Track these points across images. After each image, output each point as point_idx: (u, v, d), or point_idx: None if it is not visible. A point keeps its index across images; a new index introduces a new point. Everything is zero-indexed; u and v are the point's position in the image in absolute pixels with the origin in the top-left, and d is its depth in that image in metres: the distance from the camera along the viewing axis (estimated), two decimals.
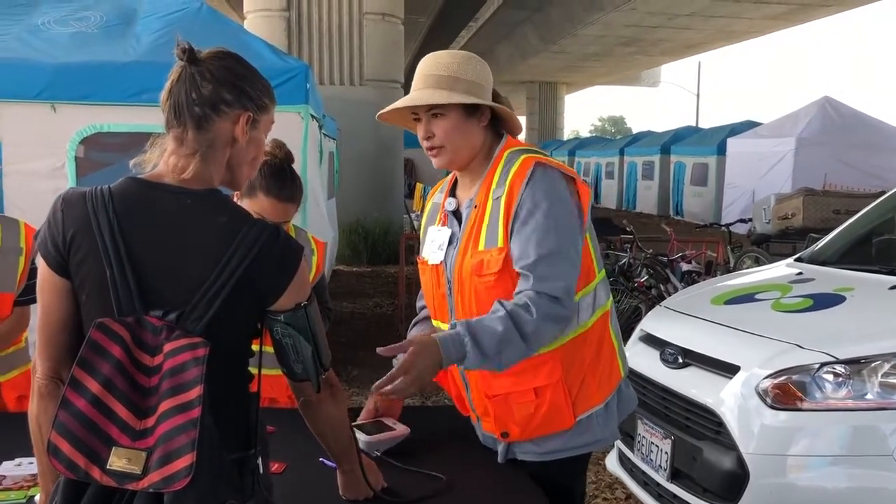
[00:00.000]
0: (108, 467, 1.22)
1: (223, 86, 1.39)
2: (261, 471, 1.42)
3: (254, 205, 2.33)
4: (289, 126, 5.02)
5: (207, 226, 1.36)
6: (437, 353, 1.72)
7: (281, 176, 2.36)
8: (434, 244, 2.00)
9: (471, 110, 1.90)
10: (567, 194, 1.86)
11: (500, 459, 1.98)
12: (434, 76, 1.89)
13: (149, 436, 1.24)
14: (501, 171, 1.90)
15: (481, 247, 1.87)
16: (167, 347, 1.28)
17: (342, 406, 1.60)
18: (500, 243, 1.83)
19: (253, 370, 1.47)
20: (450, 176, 2.09)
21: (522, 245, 1.80)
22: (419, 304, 2.25)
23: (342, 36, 12.16)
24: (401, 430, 2.05)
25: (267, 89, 1.47)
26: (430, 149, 1.93)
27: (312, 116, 5.54)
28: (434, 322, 2.08)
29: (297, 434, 1.79)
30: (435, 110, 1.89)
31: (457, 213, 2.00)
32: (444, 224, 2.01)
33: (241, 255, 1.33)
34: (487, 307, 1.81)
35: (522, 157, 1.88)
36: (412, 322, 2.26)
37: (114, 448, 1.23)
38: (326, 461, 1.94)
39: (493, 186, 1.89)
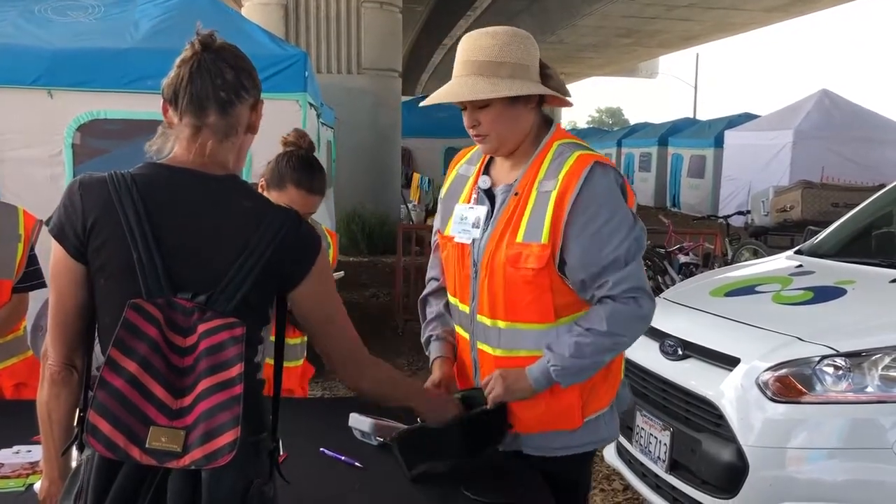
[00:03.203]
0: (146, 446, 1.23)
1: (241, 73, 1.43)
2: (280, 453, 1.46)
3: (282, 196, 2.31)
4: (287, 114, 5.00)
5: (233, 210, 1.38)
6: (525, 384, 1.84)
7: (310, 167, 2.35)
8: (466, 222, 1.92)
9: (516, 96, 1.81)
10: (624, 196, 1.82)
11: (502, 448, 1.96)
12: (475, 62, 1.80)
13: (186, 415, 1.25)
14: (550, 164, 1.82)
15: (519, 238, 1.81)
16: (201, 328, 1.28)
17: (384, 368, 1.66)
18: (544, 239, 1.77)
19: (269, 360, 1.49)
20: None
21: (586, 251, 1.77)
22: (429, 274, 2.18)
23: (340, 24, 12.10)
24: (404, 427, 2.05)
25: (260, 83, 1.51)
26: (476, 136, 1.86)
27: (311, 104, 5.51)
28: (451, 299, 2.03)
29: (299, 424, 1.78)
30: (478, 101, 1.80)
31: (489, 193, 1.92)
32: (476, 202, 1.94)
33: (269, 239, 1.35)
34: (519, 299, 1.82)
35: (577, 153, 1.80)
36: (422, 295, 2.18)
37: (151, 427, 1.24)
38: (327, 451, 1.94)
39: (541, 178, 1.82)
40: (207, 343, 1.28)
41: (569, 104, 1.94)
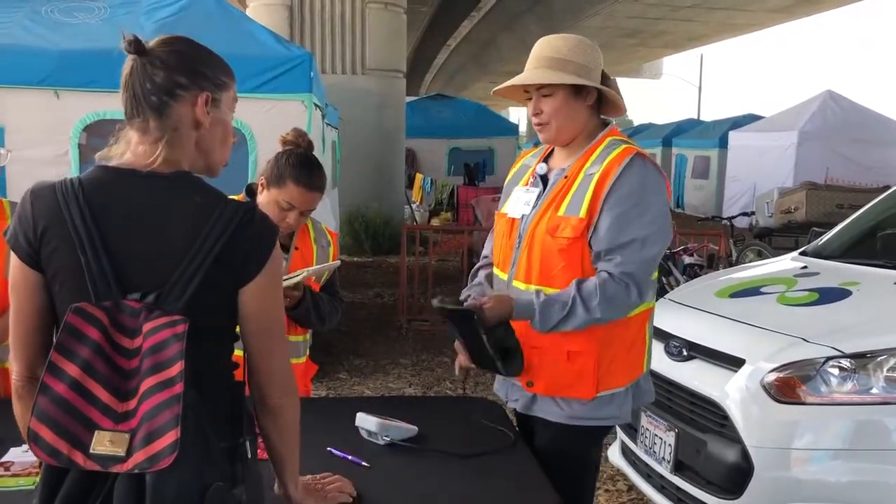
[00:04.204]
0: (91, 451, 1.21)
1: (175, 70, 1.38)
2: (249, 456, 1.40)
3: (282, 193, 2.33)
4: (293, 114, 5.03)
5: (182, 206, 1.36)
6: (509, 307, 2.00)
7: (309, 165, 2.37)
8: (520, 201, 2.18)
9: (577, 91, 2.06)
10: (661, 190, 2.03)
11: (520, 409, 2.14)
12: (546, 58, 2.07)
13: (131, 418, 1.23)
14: (600, 153, 2.06)
15: (561, 212, 2.04)
16: (146, 327, 1.26)
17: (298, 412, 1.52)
18: (582, 214, 2.00)
19: (239, 353, 1.44)
20: (546, 146, 2.25)
21: (609, 227, 1.97)
22: (484, 251, 2.42)
23: (344, 25, 12.10)
24: (410, 427, 2.07)
25: (223, 67, 1.46)
26: (538, 124, 2.11)
27: (316, 105, 5.52)
28: (495, 270, 2.26)
29: (306, 423, 1.78)
30: (544, 90, 2.07)
31: (544, 178, 2.17)
32: (532, 185, 2.19)
33: (218, 233, 1.32)
34: (553, 265, 2.03)
35: (624, 146, 2.05)
36: (475, 268, 2.41)
37: (96, 432, 1.22)
38: (335, 450, 1.95)
39: (588, 164, 2.06)
40: (150, 342, 1.25)
41: (622, 112, 2.17)
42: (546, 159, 2.23)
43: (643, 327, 2.15)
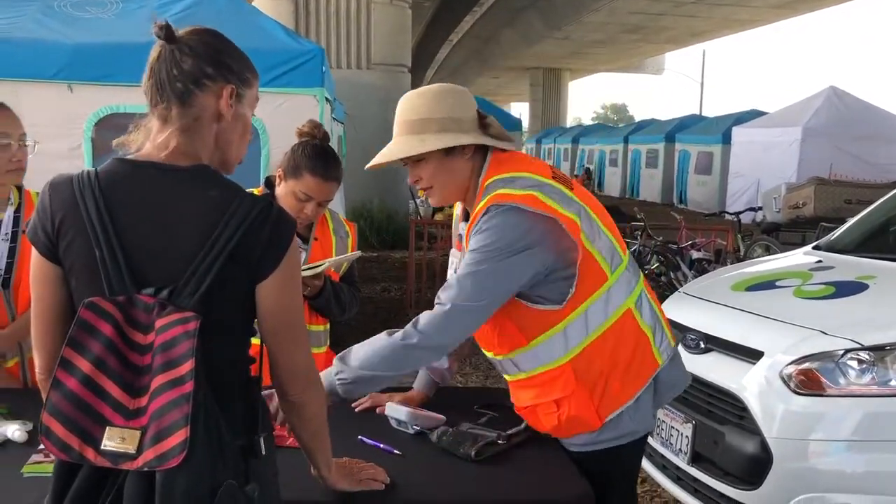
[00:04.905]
0: (102, 447, 1.21)
1: (203, 60, 1.36)
2: (263, 453, 1.39)
3: (299, 185, 2.35)
4: (305, 108, 5.06)
5: (198, 200, 1.33)
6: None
7: (325, 155, 2.38)
8: (453, 267, 2.07)
9: (448, 149, 1.88)
10: (510, 227, 1.79)
11: None
12: (408, 122, 1.90)
13: (143, 415, 1.23)
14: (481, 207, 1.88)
15: None
16: (158, 323, 1.25)
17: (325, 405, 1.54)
18: None
19: (256, 341, 1.44)
20: None
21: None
22: None
23: (350, 19, 12.12)
24: (438, 416, 2.09)
25: (249, 64, 1.45)
26: (421, 189, 1.97)
27: (326, 99, 5.54)
28: None
29: (336, 413, 1.80)
30: (414, 157, 1.90)
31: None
32: (462, 251, 2.02)
33: (234, 227, 1.30)
34: (491, 336, 1.96)
35: (487, 197, 1.84)
36: None
37: (107, 428, 1.22)
38: (366, 439, 1.97)
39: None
40: (162, 339, 1.24)
41: (507, 149, 1.96)
42: (467, 214, 2.03)
43: (633, 334, 1.94)
